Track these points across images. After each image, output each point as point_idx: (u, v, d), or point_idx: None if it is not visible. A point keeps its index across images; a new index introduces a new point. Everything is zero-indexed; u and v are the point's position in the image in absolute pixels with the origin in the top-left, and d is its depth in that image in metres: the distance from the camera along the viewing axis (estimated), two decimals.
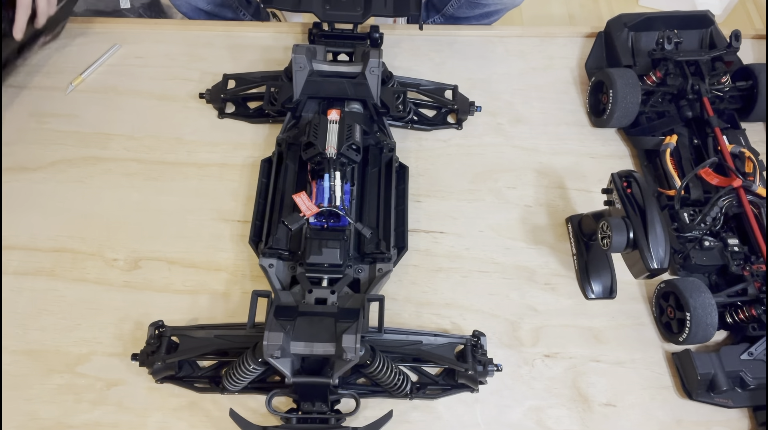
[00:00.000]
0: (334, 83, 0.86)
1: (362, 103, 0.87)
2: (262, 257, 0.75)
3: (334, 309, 0.68)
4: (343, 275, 0.74)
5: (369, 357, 0.67)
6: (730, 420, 0.74)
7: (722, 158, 0.87)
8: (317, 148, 0.77)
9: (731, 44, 0.95)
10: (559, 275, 0.84)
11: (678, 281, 0.77)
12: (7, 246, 0.83)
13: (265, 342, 0.62)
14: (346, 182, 0.77)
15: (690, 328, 0.73)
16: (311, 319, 0.67)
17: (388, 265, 0.77)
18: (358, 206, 0.82)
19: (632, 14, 1.01)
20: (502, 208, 0.90)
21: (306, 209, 0.73)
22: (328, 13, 0.92)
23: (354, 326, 0.64)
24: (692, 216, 0.84)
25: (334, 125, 0.79)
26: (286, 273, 0.76)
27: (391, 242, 0.79)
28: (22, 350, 0.75)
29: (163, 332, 0.72)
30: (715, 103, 0.94)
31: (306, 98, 0.86)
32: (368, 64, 0.84)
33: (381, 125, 0.90)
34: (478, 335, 0.75)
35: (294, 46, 0.83)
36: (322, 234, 0.75)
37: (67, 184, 0.88)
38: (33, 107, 0.93)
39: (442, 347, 0.73)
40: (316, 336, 0.65)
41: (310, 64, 0.84)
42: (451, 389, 0.73)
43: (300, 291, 0.72)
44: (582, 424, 0.73)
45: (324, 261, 0.73)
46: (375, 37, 0.96)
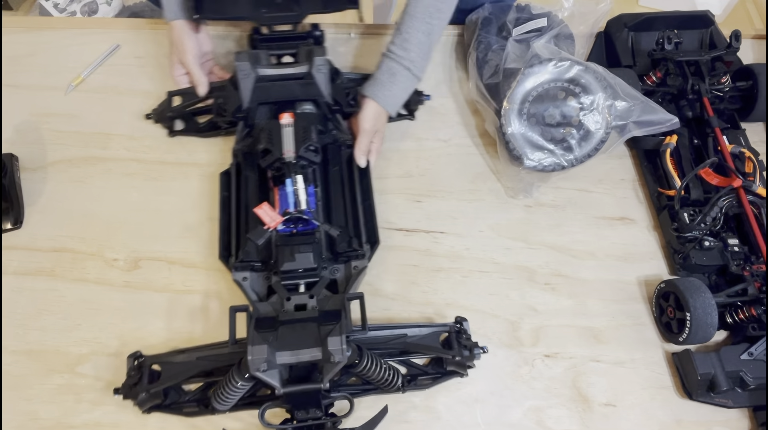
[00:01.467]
0: (282, 86, 0.84)
1: (314, 102, 0.86)
2: (234, 272, 0.74)
3: (316, 313, 0.67)
4: (320, 277, 0.73)
5: (356, 356, 0.66)
6: (730, 420, 0.74)
7: (722, 158, 0.87)
8: (275, 154, 0.75)
9: (731, 44, 0.95)
10: (559, 275, 0.84)
11: (678, 281, 0.77)
12: (7, 246, 0.82)
13: (250, 357, 0.61)
14: (309, 185, 0.76)
15: (690, 328, 0.73)
16: (293, 327, 0.66)
17: (363, 261, 0.76)
18: (325, 207, 0.81)
19: (632, 14, 1.01)
20: (502, 208, 0.90)
21: (270, 220, 0.73)
22: (265, 16, 0.89)
23: (337, 327, 0.64)
24: (692, 216, 0.84)
25: (289, 128, 0.78)
26: (261, 284, 0.75)
27: (363, 238, 0.78)
28: (22, 350, 0.75)
29: (142, 362, 0.70)
30: (715, 103, 0.95)
31: (256, 105, 0.84)
32: (314, 62, 0.83)
33: (336, 123, 0.88)
34: (460, 320, 0.75)
35: (236, 54, 0.82)
36: (292, 240, 0.73)
37: (67, 184, 0.88)
38: (33, 107, 0.93)
39: (428, 337, 0.74)
40: (301, 343, 0.64)
41: (254, 70, 0.82)
42: (442, 376, 0.74)
43: (278, 300, 0.70)
44: (582, 424, 0.73)
45: (298, 267, 0.72)
46: (317, 35, 0.94)
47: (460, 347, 0.72)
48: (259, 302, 0.71)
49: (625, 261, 0.86)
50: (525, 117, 0.87)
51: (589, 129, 0.86)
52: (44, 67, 1.00)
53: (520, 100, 0.87)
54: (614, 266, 0.86)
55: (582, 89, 0.86)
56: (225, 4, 0.90)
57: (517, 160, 0.87)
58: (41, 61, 1.01)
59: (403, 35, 0.84)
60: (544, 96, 0.87)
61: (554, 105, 0.87)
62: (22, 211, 0.85)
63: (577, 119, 0.86)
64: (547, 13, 0.95)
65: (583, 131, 0.86)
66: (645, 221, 0.90)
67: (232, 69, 0.85)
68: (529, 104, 0.87)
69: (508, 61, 0.89)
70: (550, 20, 0.93)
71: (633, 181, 0.94)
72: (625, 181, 0.94)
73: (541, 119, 0.87)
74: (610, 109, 0.86)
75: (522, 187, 0.90)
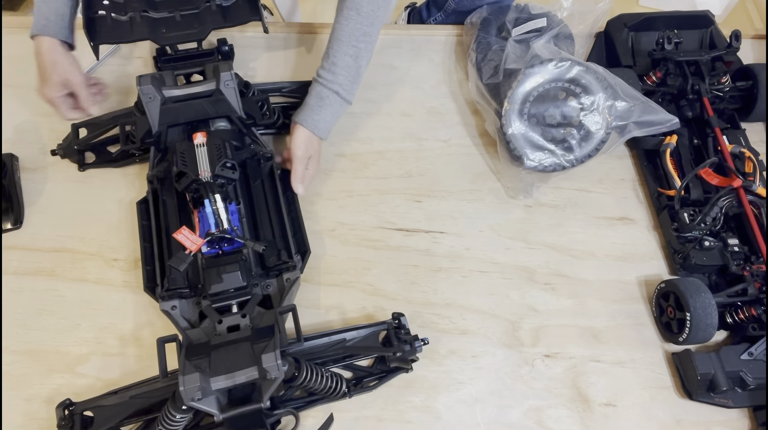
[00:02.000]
0: (191, 106, 0.81)
1: (227, 119, 0.83)
2: (162, 302, 0.71)
3: (248, 332, 0.66)
4: (251, 295, 0.72)
5: (295, 369, 0.65)
6: (730, 420, 0.74)
7: (722, 158, 0.87)
8: (190, 176, 0.74)
9: (731, 44, 0.95)
10: (559, 275, 0.84)
11: (678, 281, 0.77)
12: (7, 246, 0.82)
13: (182, 387, 0.59)
14: (231, 202, 0.75)
15: (690, 328, 0.73)
16: (226, 349, 0.64)
17: (295, 272, 0.75)
18: (251, 223, 0.79)
19: (632, 14, 1.01)
20: (502, 208, 0.90)
21: (190, 244, 0.71)
22: (166, 36, 0.87)
23: (271, 343, 0.62)
24: (692, 216, 0.84)
25: (203, 148, 0.76)
26: (192, 310, 0.73)
27: (292, 249, 0.77)
28: (22, 350, 0.75)
29: (73, 410, 0.67)
30: (715, 103, 0.95)
31: (166, 128, 0.81)
32: (221, 78, 0.80)
33: (253, 137, 0.86)
34: (397, 316, 0.75)
35: (137, 78, 0.78)
36: (218, 261, 0.71)
37: (67, 184, 0.88)
38: (33, 107, 0.93)
39: (367, 338, 0.74)
40: (236, 365, 0.62)
41: (160, 93, 0.79)
42: (387, 375, 0.74)
43: (210, 324, 0.69)
44: (582, 424, 0.73)
45: (226, 287, 0.70)
46: (224, 50, 0.93)
47: (400, 342, 0.72)
48: (190, 329, 0.70)
49: (625, 261, 0.86)
50: (525, 117, 0.87)
51: (589, 129, 0.86)
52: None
53: (521, 101, 0.87)
54: (614, 266, 0.86)
55: (582, 90, 0.86)
56: (121, 28, 0.87)
57: (517, 160, 0.88)
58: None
59: (330, 59, 0.84)
60: (545, 96, 0.87)
61: (555, 105, 0.87)
62: (22, 212, 0.85)
63: (578, 120, 0.86)
64: (546, 13, 0.95)
65: (584, 131, 0.86)
66: (645, 221, 0.90)
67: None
68: (529, 105, 0.87)
69: (508, 62, 0.89)
70: (550, 20, 0.93)
71: (633, 181, 0.94)
72: (625, 181, 0.94)
73: (542, 120, 0.87)
74: (610, 110, 0.86)
75: (522, 188, 0.90)
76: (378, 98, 1.00)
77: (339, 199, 0.89)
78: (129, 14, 0.87)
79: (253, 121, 0.85)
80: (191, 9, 0.87)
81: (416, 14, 1.30)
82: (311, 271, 0.82)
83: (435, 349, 0.77)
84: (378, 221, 0.87)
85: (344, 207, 0.89)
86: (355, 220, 0.87)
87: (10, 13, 1.73)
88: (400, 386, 0.75)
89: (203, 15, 0.88)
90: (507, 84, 0.88)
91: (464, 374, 0.76)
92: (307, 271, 0.82)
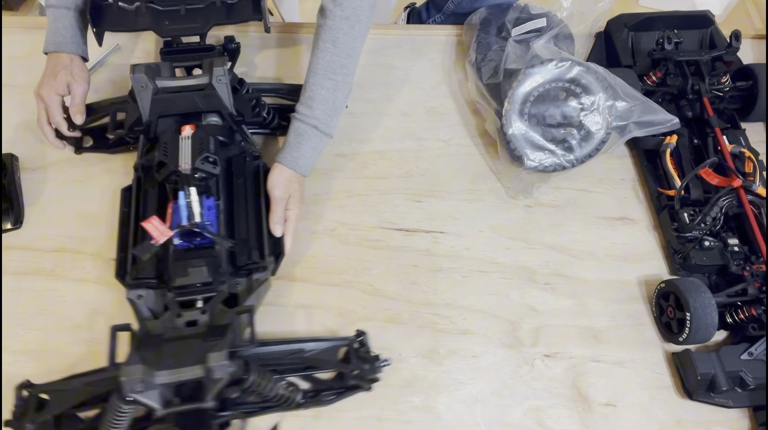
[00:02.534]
0: (183, 98, 0.81)
1: (219, 114, 0.83)
2: (128, 290, 0.71)
3: (202, 329, 0.66)
4: (217, 292, 0.71)
5: (242, 372, 0.64)
6: (730, 420, 0.74)
7: (722, 158, 0.87)
8: (170, 167, 0.74)
9: (731, 44, 0.95)
10: (559, 275, 0.84)
11: (678, 281, 0.77)
12: (7, 246, 0.83)
13: (123, 378, 0.58)
14: (209, 197, 0.75)
15: (690, 328, 0.73)
16: (177, 344, 0.64)
17: (265, 274, 0.75)
18: (228, 220, 0.79)
19: (632, 14, 1.01)
20: (502, 208, 0.90)
21: (158, 235, 0.70)
22: (168, 29, 0.88)
23: (220, 343, 0.62)
24: (692, 216, 0.84)
25: (187, 141, 0.76)
26: (158, 301, 0.73)
27: (265, 251, 0.76)
28: (22, 350, 0.75)
29: (31, 392, 0.67)
30: (715, 103, 0.95)
31: (156, 118, 0.81)
32: (214, 73, 0.80)
33: (242, 134, 0.86)
34: (360, 334, 0.74)
35: (131, 66, 0.79)
36: (188, 254, 0.72)
37: (67, 184, 0.88)
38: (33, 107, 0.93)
39: (325, 351, 0.72)
40: (183, 361, 0.61)
41: (153, 83, 0.79)
42: (345, 391, 0.72)
43: (170, 317, 0.69)
44: (582, 424, 0.73)
45: (192, 281, 0.70)
46: (231, 47, 0.93)
47: (359, 361, 0.71)
48: (149, 320, 0.70)
49: (625, 261, 0.86)
50: (526, 117, 0.87)
51: (589, 129, 0.86)
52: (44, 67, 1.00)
53: (521, 101, 0.87)
54: (614, 266, 0.86)
55: (583, 90, 0.86)
56: (126, 17, 0.88)
57: (517, 160, 0.88)
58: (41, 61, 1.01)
59: (307, 93, 0.82)
60: (545, 96, 0.87)
61: (555, 105, 0.87)
62: (22, 212, 0.85)
63: (578, 120, 0.86)
64: (546, 13, 0.95)
65: (584, 132, 0.86)
66: (645, 221, 0.90)
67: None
68: (529, 105, 0.87)
69: (508, 62, 0.89)
70: (550, 20, 0.93)
71: (633, 181, 0.94)
72: (625, 181, 0.94)
73: (542, 120, 0.87)
74: (610, 110, 0.86)
75: (522, 188, 0.90)
76: (378, 98, 1.00)
77: (339, 199, 0.89)
78: (136, 4, 0.88)
79: (243, 118, 0.85)
80: (197, 4, 0.88)
81: (416, 15, 1.30)
82: (311, 271, 0.83)
83: (435, 349, 0.77)
84: (378, 221, 0.87)
85: (344, 207, 0.89)
86: (355, 220, 0.87)
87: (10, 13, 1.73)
88: (400, 386, 0.75)
89: (207, 10, 0.89)
90: (507, 84, 0.88)
91: (464, 374, 0.76)
92: (307, 271, 0.82)
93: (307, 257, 0.84)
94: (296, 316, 0.79)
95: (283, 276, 0.82)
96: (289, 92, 0.95)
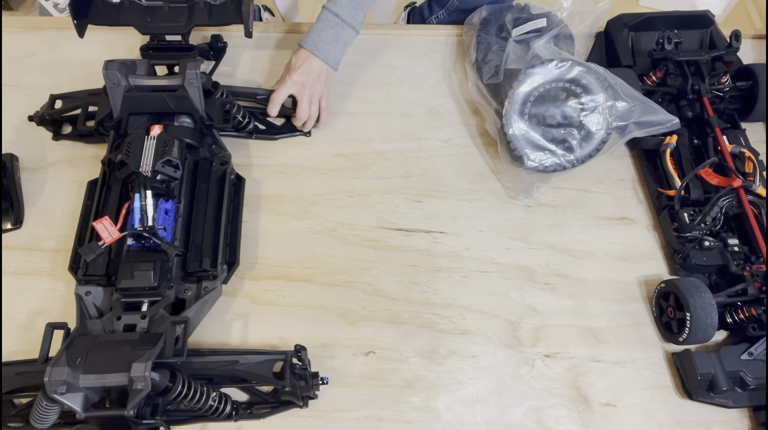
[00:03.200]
0: (154, 98, 0.81)
1: (190, 116, 0.84)
2: (77, 285, 0.72)
3: (136, 336, 0.66)
4: (162, 297, 0.71)
5: (168, 383, 0.64)
6: (730, 420, 0.74)
7: (722, 158, 0.87)
8: (131, 167, 0.74)
9: (731, 44, 0.95)
10: (559, 275, 0.84)
11: (678, 281, 0.77)
12: (7, 246, 0.82)
13: (46, 378, 0.59)
14: (168, 200, 0.74)
15: (690, 328, 0.73)
16: (108, 348, 0.64)
17: (214, 283, 0.74)
18: (186, 223, 0.79)
19: (632, 14, 1.01)
20: (502, 208, 0.90)
21: (106, 236, 0.70)
22: (149, 26, 0.87)
23: (148, 353, 0.61)
24: (692, 216, 0.84)
25: (152, 141, 0.76)
26: (106, 300, 0.73)
27: (219, 259, 0.76)
28: (22, 350, 0.75)
29: None
30: (715, 103, 0.95)
31: (127, 115, 0.81)
32: (186, 75, 0.80)
33: (213, 138, 0.86)
34: (299, 349, 0.72)
35: (105, 62, 0.79)
36: (139, 256, 0.72)
37: (67, 184, 0.88)
38: (33, 107, 0.93)
39: (260, 365, 0.70)
40: (110, 367, 0.61)
41: (126, 80, 0.80)
42: (279, 406, 0.71)
43: (110, 319, 0.69)
44: (582, 424, 0.73)
45: (137, 285, 0.70)
46: (218, 46, 0.93)
47: (294, 377, 0.70)
48: (90, 320, 0.70)
49: (625, 261, 0.86)
50: (526, 117, 0.87)
51: (590, 130, 0.86)
52: (44, 67, 1.00)
53: (522, 101, 0.87)
54: (614, 266, 0.86)
55: (583, 90, 0.86)
56: (109, 11, 0.87)
57: (518, 160, 0.88)
58: (41, 61, 1.01)
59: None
60: (545, 96, 0.87)
61: (555, 105, 0.87)
62: (22, 212, 0.85)
63: (578, 120, 0.86)
64: (546, 14, 0.95)
65: (584, 132, 0.86)
66: (645, 221, 0.90)
67: None
68: (530, 105, 0.87)
69: (508, 62, 0.89)
70: (550, 20, 0.93)
71: (633, 181, 0.94)
72: (625, 181, 0.94)
73: (542, 120, 0.87)
74: (611, 110, 0.86)
75: (522, 188, 0.90)
76: (378, 98, 1.00)
77: (339, 199, 0.89)
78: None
79: (212, 123, 0.85)
80: (180, 2, 0.87)
81: (417, 12, 1.29)
82: (311, 271, 0.83)
83: (435, 349, 0.77)
84: (378, 221, 0.87)
85: (344, 207, 0.89)
86: (355, 220, 0.87)
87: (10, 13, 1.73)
88: (400, 386, 0.75)
89: (190, 10, 0.88)
90: (507, 84, 0.88)
91: (464, 374, 0.76)
92: (307, 271, 0.82)
93: (307, 257, 0.84)
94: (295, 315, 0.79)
95: (283, 276, 0.82)
96: (267, 98, 0.93)
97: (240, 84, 0.98)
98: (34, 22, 1.09)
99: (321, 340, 0.77)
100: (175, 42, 0.89)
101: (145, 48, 0.88)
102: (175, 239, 0.75)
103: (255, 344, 0.76)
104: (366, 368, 0.76)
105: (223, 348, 0.74)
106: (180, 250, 0.74)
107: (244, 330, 0.77)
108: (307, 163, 0.92)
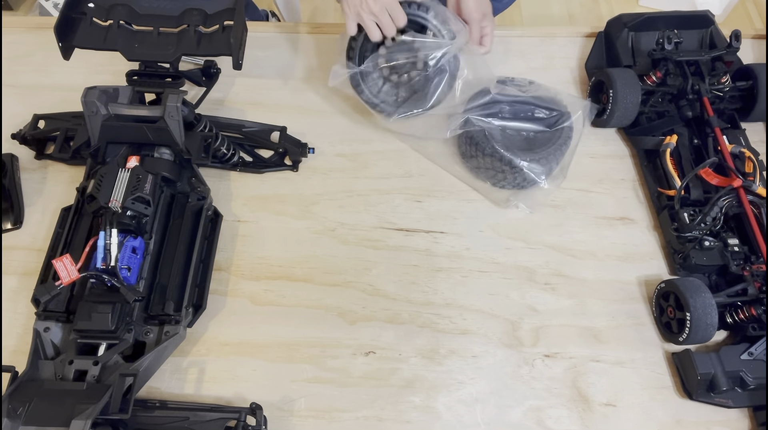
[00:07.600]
0: (134, 128, 0.78)
1: (170, 148, 0.81)
2: (37, 320, 0.68)
3: (83, 386, 0.63)
4: (120, 340, 0.68)
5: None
6: (730, 420, 0.74)
7: (722, 158, 0.87)
8: (99, 201, 0.71)
9: (731, 44, 0.95)
10: (559, 275, 0.84)
11: (678, 281, 0.77)
12: (7, 246, 0.83)
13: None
14: (136, 237, 0.72)
15: (690, 328, 0.73)
16: (51, 399, 0.61)
17: (176, 328, 0.71)
18: (154, 261, 0.75)
19: (632, 14, 1.01)
20: (502, 208, 0.90)
21: (65, 276, 0.67)
22: (136, 52, 0.84)
23: (90, 410, 0.58)
24: (692, 216, 0.84)
25: (126, 174, 0.73)
26: (65, 337, 0.69)
27: (184, 302, 0.73)
28: (22, 350, 0.75)
29: None
30: (715, 103, 0.95)
31: (105, 144, 0.79)
32: (167, 108, 0.77)
33: (192, 173, 0.83)
34: (255, 408, 0.68)
35: (85, 90, 0.76)
36: (99, 295, 0.68)
37: (67, 184, 0.88)
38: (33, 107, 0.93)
39: (212, 423, 0.66)
40: (50, 420, 0.58)
41: (105, 108, 0.77)
42: None
43: (62, 362, 0.66)
44: (582, 424, 0.73)
45: (93, 327, 0.66)
46: (211, 72, 0.90)
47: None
48: (43, 361, 0.67)
49: (625, 261, 0.86)
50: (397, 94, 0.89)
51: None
52: (44, 67, 1.00)
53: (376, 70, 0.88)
54: (614, 266, 0.86)
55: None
56: (96, 34, 0.84)
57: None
58: (41, 61, 1.01)
59: None
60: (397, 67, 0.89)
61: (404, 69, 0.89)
62: (22, 212, 0.85)
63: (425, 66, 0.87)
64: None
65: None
66: (645, 221, 0.90)
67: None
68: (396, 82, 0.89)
69: None
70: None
71: (633, 181, 0.94)
72: (625, 181, 0.94)
73: (405, 80, 0.89)
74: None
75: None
76: None
77: (339, 199, 0.89)
78: (110, 21, 0.84)
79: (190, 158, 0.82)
80: (170, 27, 0.84)
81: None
82: (311, 271, 0.83)
83: (435, 349, 0.78)
84: (378, 221, 0.87)
85: (344, 207, 0.89)
86: (355, 220, 0.87)
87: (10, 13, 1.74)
88: (400, 386, 0.75)
89: (179, 37, 0.84)
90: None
91: (464, 374, 0.76)
92: (307, 271, 0.82)
93: (307, 256, 0.84)
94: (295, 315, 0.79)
95: (283, 276, 0.82)
96: (255, 132, 0.92)
97: (231, 109, 0.97)
98: (34, 22, 1.09)
99: (321, 340, 0.77)
100: (163, 69, 0.86)
101: (131, 74, 0.86)
102: (141, 279, 0.72)
103: (255, 346, 0.76)
104: (366, 368, 0.76)
105: (175, 401, 0.70)
106: (140, 295, 0.70)
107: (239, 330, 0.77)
108: (307, 163, 0.92)
